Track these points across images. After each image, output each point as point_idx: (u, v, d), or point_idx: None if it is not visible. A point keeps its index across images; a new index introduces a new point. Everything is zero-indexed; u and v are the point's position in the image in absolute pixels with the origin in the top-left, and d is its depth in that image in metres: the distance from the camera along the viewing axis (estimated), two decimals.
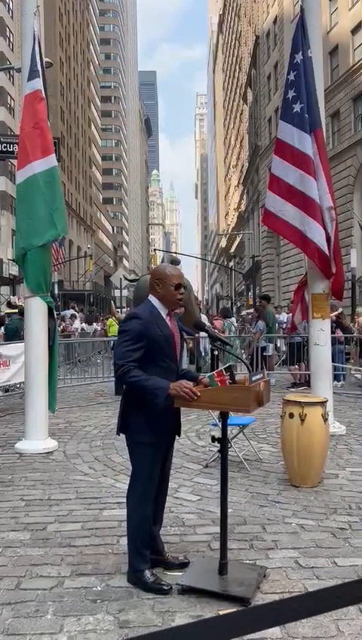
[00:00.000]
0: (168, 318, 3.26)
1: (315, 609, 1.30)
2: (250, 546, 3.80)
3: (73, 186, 62.14)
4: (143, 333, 3.10)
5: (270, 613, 1.26)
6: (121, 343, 3.13)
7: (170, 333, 3.23)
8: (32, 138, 6.62)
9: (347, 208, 26.68)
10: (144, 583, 3.20)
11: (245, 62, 56.94)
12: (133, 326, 3.13)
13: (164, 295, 3.23)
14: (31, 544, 3.86)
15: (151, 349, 3.12)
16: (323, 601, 1.30)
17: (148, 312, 3.20)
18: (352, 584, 1.41)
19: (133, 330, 3.11)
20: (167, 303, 3.25)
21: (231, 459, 5.81)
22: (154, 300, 3.25)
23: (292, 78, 7.12)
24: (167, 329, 3.21)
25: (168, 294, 3.22)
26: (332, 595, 1.33)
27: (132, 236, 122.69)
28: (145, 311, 3.20)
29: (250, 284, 48.05)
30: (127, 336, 3.11)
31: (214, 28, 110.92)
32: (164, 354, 3.19)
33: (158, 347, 3.14)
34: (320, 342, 6.98)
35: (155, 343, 3.13)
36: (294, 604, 1.29)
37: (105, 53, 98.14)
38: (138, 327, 3.11)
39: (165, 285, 3.21)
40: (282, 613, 1.28)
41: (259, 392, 3.11)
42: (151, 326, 3.14)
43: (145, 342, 3.10)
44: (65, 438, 7.01)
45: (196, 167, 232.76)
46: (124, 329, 3.17)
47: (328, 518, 4.28)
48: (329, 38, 29.79)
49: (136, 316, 3.18)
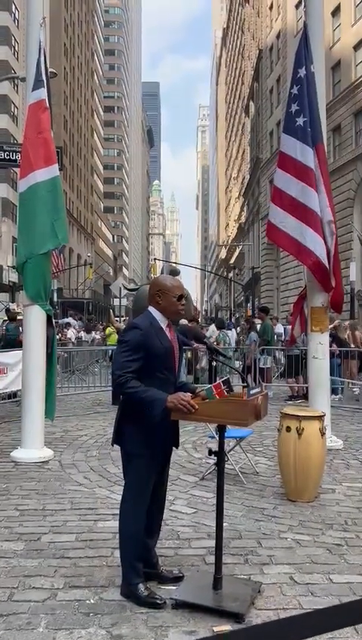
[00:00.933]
0: (168, 329, 3.26)
1: (312, 631, 1.28)
2: (245, 561, 3.78)
3: (75, 194, 62.38)
4: (143, 344, 3.09)
5: (264, 634, 1.25)
6: (120, 353, 3.12)
7: (170, 345, 3.22)
8: (36, 147, 6.65)
9: (347, 222, 26.79)
10: (137, 597, 3.17)
11: (248, 75, 57.42)
12: (132, 337, 3.13)
13: (165, 307, 3.22)
14: (24, 555, 3.82)
15: (151, 360, 3.12)
16: (319, 622, 1.29)
17: (149, 323, 3.19)
18: (350, 604, 1.40)
19: (133, 341, 3.11)
20: (169, 314, 3.25)
21: (228, 471, 5.77)
22: (154, 311, 3.25)
23: (295, 92, 7.17)
24: (166, 341, 3.21)
25: (170, 305, 3.22)
26: (330, 615, 1.32)
27: (132, 245, 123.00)
28: (146, 322, 3.20)
29: (249, 295, 48.12)
30: (126, 346, 3.11)
31: (218, 41, 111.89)
32: (163, 365, 3.18)
33: (157, 358, 3.14)
34: (318, 355, 6.98)
35: (154, 355, 3.12)
36: (289, 626, 1.28)
37: (110, 64, 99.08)
38: (138, 337, 3.11)
39: (167, 297, 3.21)
40: (277, 634, 1.26)
41: (257, 406, 3.11)
42: (151, 337, 3.13)
43: (144, 353, 3.09)
44: (61, 447, 6.98)
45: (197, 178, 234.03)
46: (124, 339, 3.17)
47: (324, 533, 4.26)
48: (332, 53, 30.07)
49: (136, 327, 3.17)
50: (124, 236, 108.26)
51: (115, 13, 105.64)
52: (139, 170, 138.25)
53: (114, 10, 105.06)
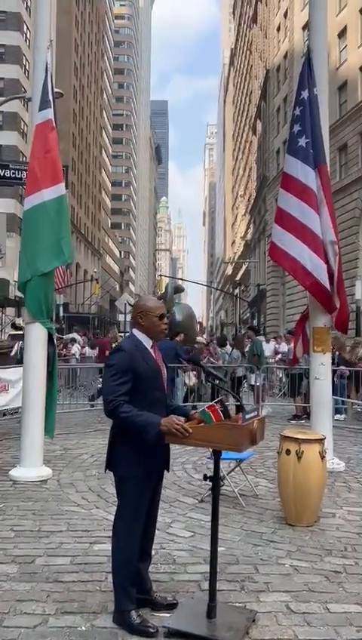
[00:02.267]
0: (153, 349, 3.27)
1: None
2: (240, 588, 3.71)
3: (82, 211, 62.86)
4: (129, 365, 3.10)
5: None
6: (108, 377, 3.12)
7: (156, 365, 3.24)
8: (43, 166, 6.71)
9: (352, 240, 26.82)
10: (130, 625, 3.11)
11: (255, 94, 58.00)
12: (118, 360, 3.13)
13: (148, 327, 3.26)
14: (18, 578, 3.77)
15: (139, 381, 3.11)
16: None
17: (133, 345, 3.22)
18: None
19: (119, 364, 3.11)
20: (153, 334, 3.28)
21: (227, 494, 5.73)
22: (138, 333, 3.28)
23: (298, 113, 7.23)
24: (152, 361, 3.23)
25: (152, 326, 3.25)
26: None
27: (139, 261, 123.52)
28: (130, 344, 3.23)
29: (254, 312, 48.11)
30: (113, 370, 3.10)
31: (226, 61, 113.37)
32: (151, 386, 3.18)
33: (145, 379, 3.14)
34: (320, 376, 6.93)
35: (142, 376, 3.12)
36: None
37: (119, 83, 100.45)
38: (124, 360, 3.12)
39: (148, 317, 3.24)
40: None
41: (253, 431, 3.07)
42: (137, 359, 3.14)
43: (132, 375, 3.09)
44: (60, 465, 6.93)
45: (204, 195, 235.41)
46: (110, 363, 3.16)
47: (322, 560, 4.18)
48: (338, 74, 30.36)
49: (121, 349, 3.19)
50: (130, 252, 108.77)
51: (125, 33, 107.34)
52: (147, 186, 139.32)
53: (124, 31, 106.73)
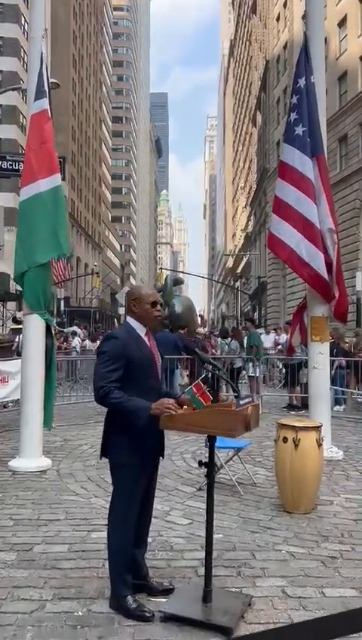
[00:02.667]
0: (147, 337, 3.27)
1: None
2: (237, 573, 3.73)
3: (83, 204, 62.74)
4: (122, 353, 3.10)
5: None
6: (99, 364, 3.12)
7: (150, 353, 3.24)
8: (39, 156, 6.69)
9: (353, 232, 26.75)
10: (126, 610, 3.14)
11: (255, 86, 57.71)
12: (110, 347, 3.14)
13: (141, 315, 3.26)
14: (16, 565, 3.80)
15: (132, 369, 3.12)
16: (309, 633, 1.25)
17: (126, 332, 3.23)
18: (328, 618, 1.36)
19: (111, 351, 3.11)
20: (146, 322, 3.28)
21: (225, 482, 5.75)
22: (131, 320, 3.29)
23: (294, 101, 7.19)
24: (145, 348, 3.23)
25: (145, 313, 3.25)
26: (311, 628, 1.28)
27: (140, 254, 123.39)
28: (123, 332, 3.25)
29: (255, 304, 48.10)
30: (105, 357, 3.11)
31: (226, 52, 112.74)
32: (145, 373, 3.18)
33: (139, 367, 3.14)
34: (318, 365, 6.93)
35: (135, 363, 3.13)
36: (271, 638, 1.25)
37: (118, 75, 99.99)
38: (116, 347, 3.12)
39: (141, 304, 3.25)
40: None
41: (247, 416, 3.08)
42: (130, 346, 3.14)
43: (124, 362, 3.09)
44: (60, 456, 6.96)
45: (205, 187, 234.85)
46: (102, 350, 3.17)
47: (319, 546, 4.21)
48: (339, 64, 30.20)
49: (114, 336, 3.21)
50: (131, 245, 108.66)
51: (124, 25, 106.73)
52: (147, 180, 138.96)
53: (123, 22, 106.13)
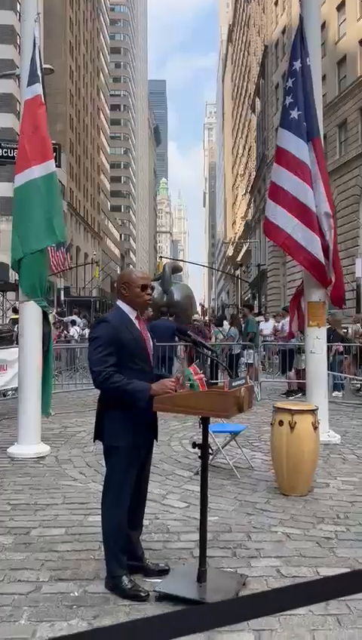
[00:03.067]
0: (137, 320, 3.27)
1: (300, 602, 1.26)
2: (232, 554, 3.76)
3: (81, 194, 62.47)
4: (114, 337, 3.11)
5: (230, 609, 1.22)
6: (94, 349, 3.12)
7: (141, 336, 3.25)
8: (33, 143, 6.65)
9: (353, 218, 26.65)
10: (121, 590, 3.17)
11: (254, 72, 57.21)
12: (103, 331, 3.14)
13: (131, 298, 3.26)
14: (12, 548, 3.83)
15: (124, 352, 3.12)
16: (310, 593, 1.26)
17: (118, 316, 3.23)
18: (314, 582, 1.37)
19: (104, 335, 3.12)
20: (136, 305, 3.28)
21: (222, 466, 5.79)
22: (122, 304, 3.28)
23: (290, 85, 7.13)
24: (136, 331, 3.23)
25: (135, 296, 3.24)
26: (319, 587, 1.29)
27: (139, 244, 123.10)
28: (114, 316, 3.24)
29: (256, 292, 48.05)
30: (99, 342, 3.11)
31: (224, 37, 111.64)
32: (136, 357, 3.19)
33: (130, 350, 3.15)
34: (316, 350, 6.94)
35: (127, 347, 3.13)
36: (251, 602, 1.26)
37: (115, 62, 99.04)
38: (108, 331, 3.13)
39: (131, 288, 3.24)
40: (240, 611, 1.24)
41: (240, 398, 3.09)
42: (122, 330, 3.15)
43: (117, 346, 3.10)
44: (58, 443, 6.99)
45: (204, 175, 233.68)
46: (95, 335, 3.17)
47: (315, 527, 4.23)
48: (338, 48, 29.91)
49: (105, 320, 3.21)
50: (131, 235, 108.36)
51: (121, 11, 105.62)
52: (146, 168, 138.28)
53: (120, 9, 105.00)
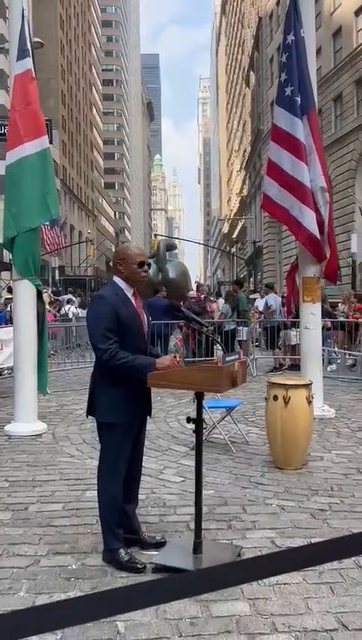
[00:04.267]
0: (134, 297, 3.27)
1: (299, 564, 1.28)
2: (228, 527, 3.82)
3: (74, 171, 61.80)
4: (112, 312, 3.11)
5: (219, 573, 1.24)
6: (94, 326, 3.12)
7: (137, 313, 3.25)
8: (25, 118, 6.54)
9: (349, 193, 26.48)
10: (118, 562, 3.22)
11: (248, 44, 56.25)
12: (102, 307, 3.14)
13: (128, 275, 3.24)
14: (11, 524, 3.88)
15: (121, 329, 3.12)
16: (309, 556, 1.28)
17: (114, 292, 3.21)
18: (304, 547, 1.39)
19: (103, 311, 3.12)
20: (132, 282, 3.27)
21: (218, 441, 5.85)
22: (118, 280, 3.27)
23: (284, 60, 7.03)
24: (133, 308, 3.23)
25: (132, 273, 3.23)
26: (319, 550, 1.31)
27: (134, 221, 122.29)
28: (111, 292, 3.22)
29: (251, 269, 47.96)
30: (98, 318, 3.12)
31: (218, 9, 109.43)
32: (133, 334, 3.19)
33: (127, 327, 3.15)
34: (310, 326, 6.96)
35: (124, 323, 3.14)
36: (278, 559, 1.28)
37: (107, 36, 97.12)
38: (107, 307, 3.13)
39: (128, 265, 3.22)
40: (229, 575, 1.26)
41: (233, 372, 3.10)
42: (118, 306, 3.15)
43: (115, 321, 3.10)
44: (55, 420, 7.04)
45: (199, 151, 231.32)
46: (95, 312, 3.17)
47: (309, 499, 4.30)
48: (333, 19, 29.41)
49: (102, 297, 3.20)
50: (125, 212, 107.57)
51: None
52: (140, 144, 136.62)
53: None
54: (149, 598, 1.14)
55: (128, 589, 1.11)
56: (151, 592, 1.13)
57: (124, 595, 1.11)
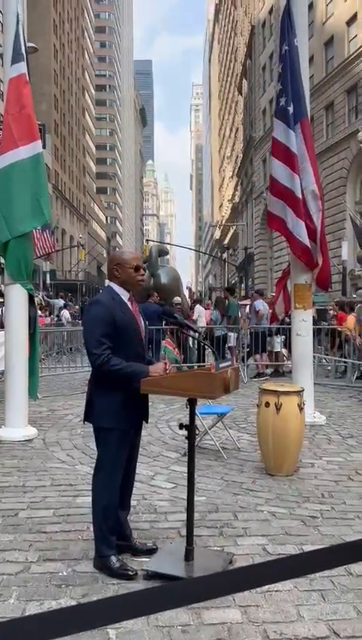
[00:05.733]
0: (130, 302, 3.27)
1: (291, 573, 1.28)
2: (219, 533, 3.81)
3: (66, 175, 61.74)
4: (108, 317, 3.11)
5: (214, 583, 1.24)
6: (90, 331, 3.12)
7: (134, 317, 3.24)
8: (19, 122, 6.54)
9: (340, 201, 26.68)
10: (110, 569, 3.20)
11: (240, 52, 56.61)
12: (98, 312, 3.13)
13: (124, 280, 3.24)
14: (1, 530, 3.84)
15: (118, 334, 3.12)
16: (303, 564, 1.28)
17: (110, 297, 3.21)
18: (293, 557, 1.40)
19: (99, 316, 3.11)
20: (129, 287, 3.27)
21: (209, 448, 5.84)
22: (114, 285, 3.27)
23: (279, 70, 7.09)
24: (129, 312, 3.23)
25: (128, 278, 3.24)
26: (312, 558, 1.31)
27: (126, 227, 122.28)
28: (107, 297, 3.22)
29: (243, 275, 48.08)
30: (93, 323, 3.11)
31: (211, 17, 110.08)
32: (130, 339, 3.19)
33: (124, 332, 3.15)
34: (301, 332, 6.99)
35: (121, 328, 3.13)
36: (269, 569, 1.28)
37: (101, 42, 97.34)
38: (103, 312, 3.12)
39: (124, 269, 3.22)
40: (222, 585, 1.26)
41: (226, 379, 3.11)
42: (115, 310, 3.14)
43: (111, 327, 3.09)
44: (46, 426, 7.00)
45: (191, 157, 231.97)
46: (90, 316, 3.16)
47: (300, 506, 4.30)
48: (325, 28, 29.68)
49: (99, 302, 3.19)
50: (117, 217, 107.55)
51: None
52: (132, 150, 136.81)
53: None
54: (143, 607, 1.14)
55: (122, 598, 1.11)
56: (146, 600, 1.13)
57: (118, 604, 1.10)
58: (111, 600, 1.10)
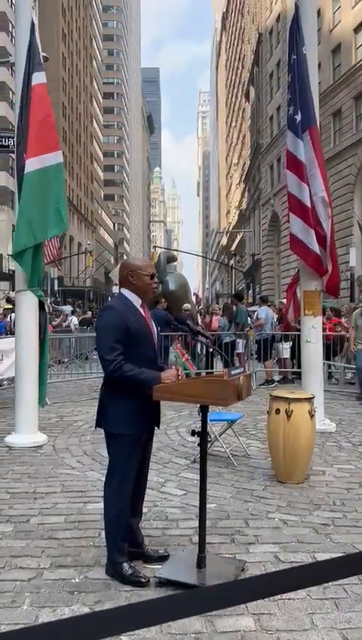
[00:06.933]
0: (142, 309, 3.28)
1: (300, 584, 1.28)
2: (231, 541, 3.81)
3: (74, 182, 62.08)
4: (122, 323, 3.12)
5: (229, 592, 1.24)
6: (102, 337, 3.13)
7: (146, 323, 3.26)
8: (44, 130, 6.56)
9: (347, 207, 26.64)
10: (122, 576, 3.20)
11: (248, 60, 56.84)
12: (111, 318, 3.15)
13: (139, 287, 3.26)
14: (13, 536, 3.86)
15: (131, 340, 3.13)
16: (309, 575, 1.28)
17: (123, 303, 3.22)
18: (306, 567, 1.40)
19: (112, 322, 3.13)
20: (143, 294, 3.29)
21: (220, 454, 5.84)
22: (127, 292, 3.28)
23: (289, 79, 7.13)
24: (142, 319, 3.24)
25: (143, 285, 3.25)
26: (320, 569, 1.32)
27: (133, 233, 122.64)
28: (120, 303, 3.23)
29: (250, 282, 48.04)
30: (106, 329, 3.13)
31: (218, 25, 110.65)
32: (143, 345, 3.20)
33: (137, 338, 3.16)
34: (311, 339, 6.98)
35: (134, 335, 3.14)
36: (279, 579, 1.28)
37: (108, 50, 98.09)
38: (115, 318, 3.14)
39: (140, 276, 3.24)
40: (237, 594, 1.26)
41: (238, 386, 3.11)
42: (128, 317, 3.16)
43: (124, 333, 3.11)
44: (55, 432, 7.02)
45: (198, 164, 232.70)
46: (103, 322, 3.18)
47: (311, 513, 4.29)
48: (332, 36, 29.75)
49: (112, 308, 3.21)
50: (124, 224, 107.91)
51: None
52: (140, 157, 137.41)
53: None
54: (160, 615, 1.14)
55: (136, 606, 1.12)
56: (162, 609, 1.14)
57: (138, 612, 1.11)
58: (127, 608, 1.11)
